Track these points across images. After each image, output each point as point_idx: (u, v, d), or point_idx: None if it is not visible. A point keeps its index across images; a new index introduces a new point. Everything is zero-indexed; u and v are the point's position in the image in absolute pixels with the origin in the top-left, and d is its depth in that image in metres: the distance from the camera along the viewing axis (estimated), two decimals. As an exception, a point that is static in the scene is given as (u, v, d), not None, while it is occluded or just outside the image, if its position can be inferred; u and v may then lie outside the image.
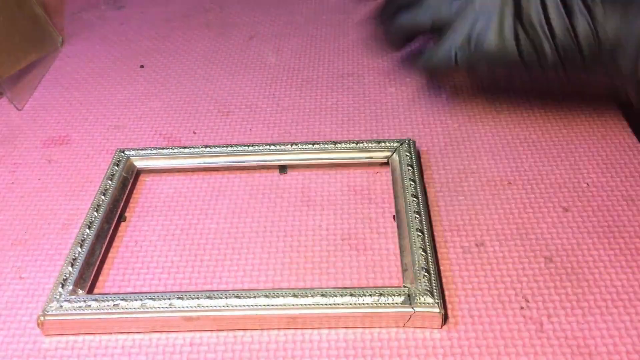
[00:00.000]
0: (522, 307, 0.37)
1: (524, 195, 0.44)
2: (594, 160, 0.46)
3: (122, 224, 0.44)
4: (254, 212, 0.44)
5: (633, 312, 0.36)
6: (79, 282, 0.39)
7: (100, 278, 0.40)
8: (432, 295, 0.36)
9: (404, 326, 0.36)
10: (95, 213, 0.42)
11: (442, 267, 0.39)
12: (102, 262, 0.41)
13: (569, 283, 0.38)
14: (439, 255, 0.40)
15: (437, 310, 0.35)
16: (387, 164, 0.46)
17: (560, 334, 0.35)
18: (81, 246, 0.40)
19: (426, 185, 0.45)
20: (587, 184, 0.44)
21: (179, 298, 0.36)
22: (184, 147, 0.47)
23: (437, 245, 0.40)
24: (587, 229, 0.41)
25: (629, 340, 0.34)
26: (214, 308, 0.36)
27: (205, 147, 0.47)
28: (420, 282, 0.36)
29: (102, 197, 0.44)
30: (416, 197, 0.42)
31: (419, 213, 0.41)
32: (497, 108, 0.52)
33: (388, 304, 0.35)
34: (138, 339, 0.37)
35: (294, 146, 0.47)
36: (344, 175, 0.47)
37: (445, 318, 0.36)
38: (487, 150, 0.48)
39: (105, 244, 0.42)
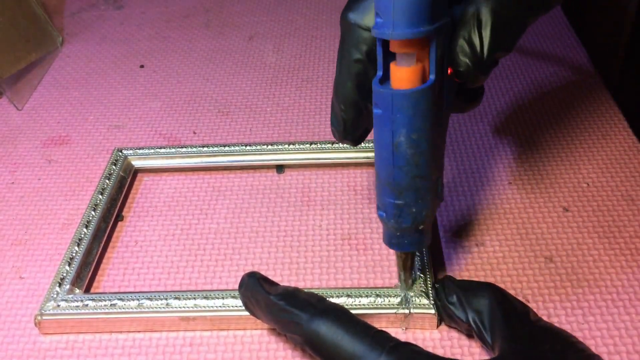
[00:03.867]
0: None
1: (524, 195, 0.44)
2: (594, 160, 0.46)
3: (120, 223, 0.44)
4: (254, 212, 0.44)
5: (633, 312, 0.36)
6: (76, 281, 0.38)
7: (99, 278, 0.40)
8: (428, 296, 0.35)
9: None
10: (92, 212, 0.42)
11: (442, 267, 0.39)
12: (100, 261, 0.41)
13: (569, 283, 0.38)
14: (439, 255, 0.40)
15: (433, 311, 0.35)
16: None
17: (560, 334, 0.35)
18: (78, 245, 0.40)
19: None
20: (587, 184, 0.44)
21: (175, 298, 0.36)
22: (182, 147, 0.47)
23: (437, 245, 0.40)
24: (587, 229, 0.41)
25: (629, 340, 0.34)
26: (211, 308, 0.36)
27: (203, 146, 0.47)
28: (416, 284, 0.36)
29: (100, 196, 0.44)
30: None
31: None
32: (497, 107, 0.52)
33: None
34: (138, 338, 0.37)
35: (291, 146, 0.47)
36: (343, 175, 0.47)
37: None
38: (487, 150, 0.48)
39: (103, 243, 0.42)
